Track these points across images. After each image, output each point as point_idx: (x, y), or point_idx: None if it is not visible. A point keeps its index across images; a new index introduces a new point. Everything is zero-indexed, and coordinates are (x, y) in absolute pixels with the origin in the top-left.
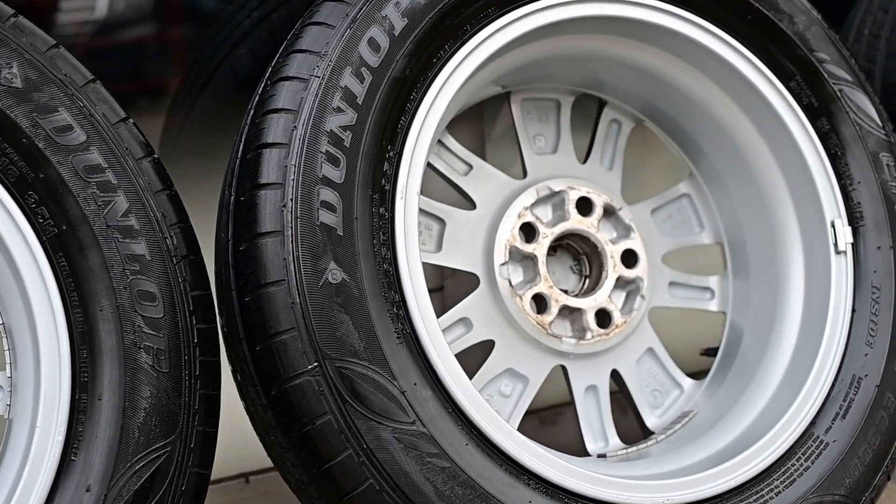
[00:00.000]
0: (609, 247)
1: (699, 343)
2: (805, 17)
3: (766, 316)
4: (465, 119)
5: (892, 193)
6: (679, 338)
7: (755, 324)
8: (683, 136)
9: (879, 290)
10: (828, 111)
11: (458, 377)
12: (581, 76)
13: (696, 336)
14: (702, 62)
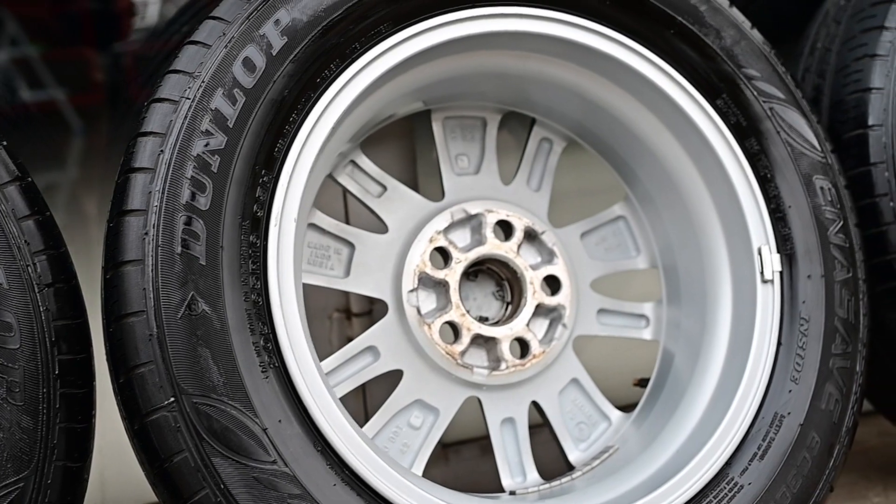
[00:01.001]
0: (529, 272)
1: (640, 373)
2: (734, 32)
3: (694, 346)
4: (389, 137)
5: (825, 219)
6: (617, 368)
7: (685, 353)
8: (615, 156)
9: (808, 321)
10: (757, 131)
11: (331, 413)
12: (505, 93)
13: (638, 366)
14: (623, 80)
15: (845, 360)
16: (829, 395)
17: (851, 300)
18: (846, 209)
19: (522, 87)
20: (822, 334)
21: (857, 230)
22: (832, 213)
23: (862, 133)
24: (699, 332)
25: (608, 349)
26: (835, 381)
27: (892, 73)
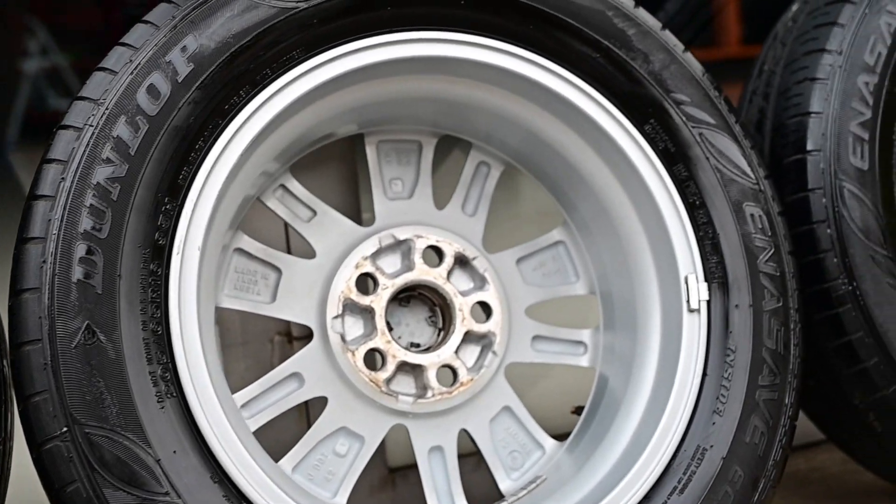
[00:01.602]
0: (459, 299)
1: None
2: (664, 56)
3: (626, 375)
4: (331, 160)
5: (755, 247)
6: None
7: (618, 381)
8: (551, 181)
9: (735, 352)
10: (686, 157)
11: (230, 443)
12: (440, 118)
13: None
14: (551, 105)
15: (773, 391)
16: (754, 427)
17: (781, 330)
18: (779, 236)
19: (454, 112)
20: (749, 365)
21: (792, 258)
22: (763, 240)
23: (800, 158)
24: (630, 360)
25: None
26: (761, 413)
27: (832, 97)
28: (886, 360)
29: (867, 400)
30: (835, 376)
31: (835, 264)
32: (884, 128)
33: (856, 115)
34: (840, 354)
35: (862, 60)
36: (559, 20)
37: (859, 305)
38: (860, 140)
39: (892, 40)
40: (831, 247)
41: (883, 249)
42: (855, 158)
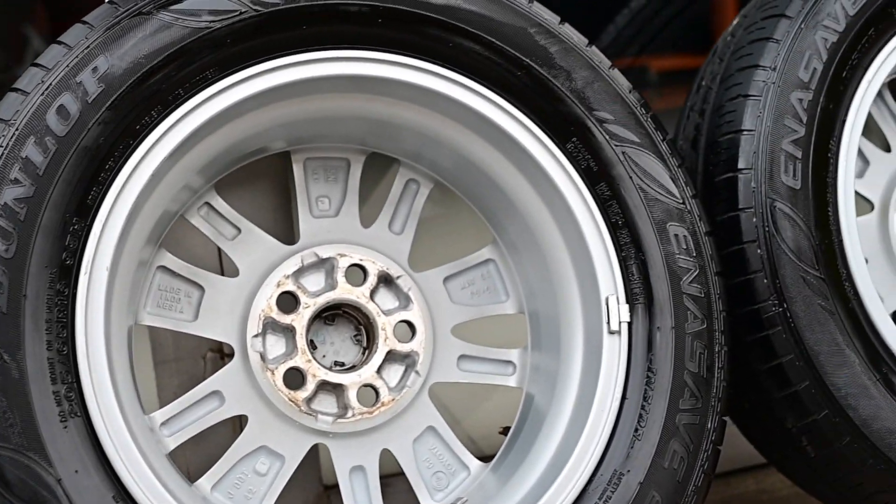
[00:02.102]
0: (382, 318)
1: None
2: (588, 73)
3: (549, 395)
4: (262, 177)
5: (678, 267)
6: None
7: (542, 402)
8: (479, 201)
9: (656, 375)
10: (608, 175)
11: (134, 463)
12: (367, 136)
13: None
14: (473, 123)
15: (694, 415)
16: (673, 452)
17: (705, 353)
18: (705, 257)
19: (382, 131)
20: (670, 389)
21: (720, 279)
22: (687, 261)
23: (732, 176)
24: (554, 381)
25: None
26: (681, 437)
27: (764, 114)
28: (817, 384)
29: (799, 424)
30: (767, 400)
31: (765, 285)
32: (818, 145)
33: (789, 132)
34: (771, 377)
35: (796, 77)
36: (479, 38)
37: (790, 327)
38: (793, 158)
39: (828, 56)
40: (761, 267)
41: (815, 270)
42: (787, 177)
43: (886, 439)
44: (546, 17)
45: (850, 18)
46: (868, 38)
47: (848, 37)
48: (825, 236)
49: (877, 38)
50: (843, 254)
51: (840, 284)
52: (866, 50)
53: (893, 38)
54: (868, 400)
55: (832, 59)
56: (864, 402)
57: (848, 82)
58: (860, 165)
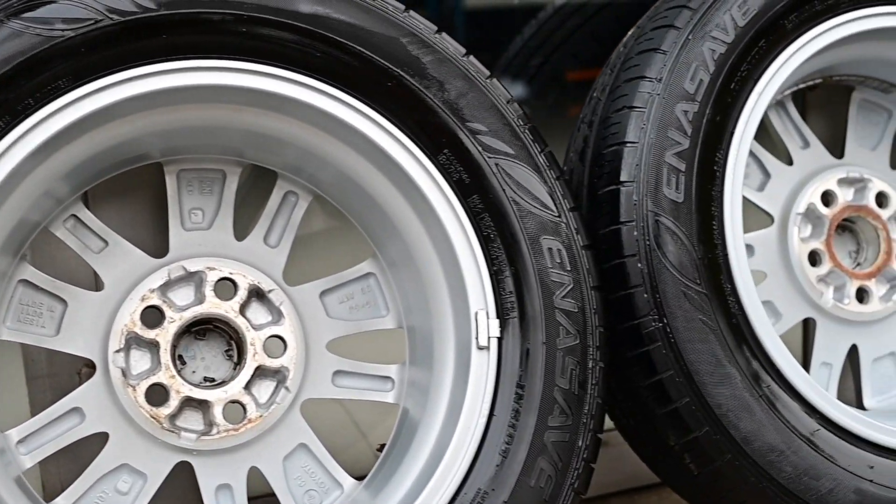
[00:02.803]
0: (251, 333)
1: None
2: (462, 83)
3: (421, 411)
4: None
5: (551, 282)
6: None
7: (415, 419)
8: (357, 213)
9: (524, 391)
10: (481, 188)
11: None
12: (242, 147)
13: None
14: (342, 134)
15: (564, 433)
16: (540, 470)
17: (577, 369)
18: (580, 271)
19: (258, 143)
20: (539, 406)
21: (597, 293)
22: (560, 275)
23: (614, 189)
24: (426, 397)
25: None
26: (549, 455)
27: (648, 126)
28: (698, 401)
29: (681, 441)
30: (650, 416)
31: (645, 300)
32: (704, 158)
33: (672, 144)
34: (653, 393)
35: (681, 88)
36: (347, 47)
37: (670, 343)
38: (676, 171)
39: (716, 67)
40: (642, 282)
41: (696, 285)
42: (669, 190)
43: (768, 456)
44: (421, 26)
45: (739, 30)
46: (759, 50)
47: (737, 48)
48: (709, 250)
49: (768, 50)
50: (728, 268)
51: (724, 299)
52: (756, 62)
53: (785, 51)
54: (749, 417)
55: (720, 71)
56: (745, 419)
57: (737, 94)
58: (761, 178)
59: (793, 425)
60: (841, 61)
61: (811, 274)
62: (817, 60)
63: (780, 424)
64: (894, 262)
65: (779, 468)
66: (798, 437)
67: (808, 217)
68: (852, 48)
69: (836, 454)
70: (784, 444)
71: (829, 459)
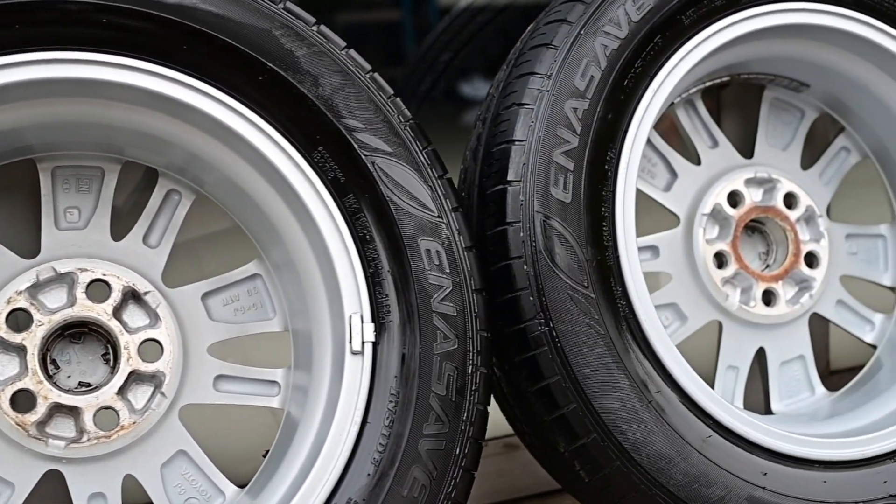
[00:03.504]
0: (125, 336)
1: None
2: (338, 78)
3: (300, 416)
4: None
5: (429, 284)
6: None
7: (295, 423)
8: (239, 213)
9: (398, 398)
10: (356, 187)
11: None
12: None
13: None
14: (217, 132)
15: (440, 441)
16: (414, 479)
17: (455, 375)
18: (461, 274)
19: (126, 138)
20: (413, 413)
21: (479, 296)
22: (439, 278)
23: (501, 189)
24: (305, 403)
25: None
26: (423, 464)
27: (536, 123)
28: (585, 407)
29: (571, 448)
30: (539, 423)
31: (531, 303)
32: (594, 157)
33: (561, 143)
34: (540, 399)
35: (572, 85)
36: (216, 40)
37: (556, 348)
38: (563, 170)
39: (608, 64)
40: (528, 285)
41: (583, 288)
42: (557, 190)
43: (658, 464)
44: (297, 18)
45: (633, 25)
46: (654, 47)
47: (631, 44)
48: (599, 252)
49: (664, 47)
50: (618, 271)
51: (613, 303)
52: (652, 58)
53: (683, 47)
54: (638, 424)
55: (612, 68)
56: (634, 425)
57: (631, 92)
58: (668, 178)
59: (684, 432)
60: (749, 58)
61: (716, 276)
62: (721, 57)
63: (671, 431)
64: (802, 265)
65: (669, 475)
66: (689, 444)
67: (715, 218)
68: (758, 45)
69: (729, 461)
70: (674, 451)
71: (720, 466)
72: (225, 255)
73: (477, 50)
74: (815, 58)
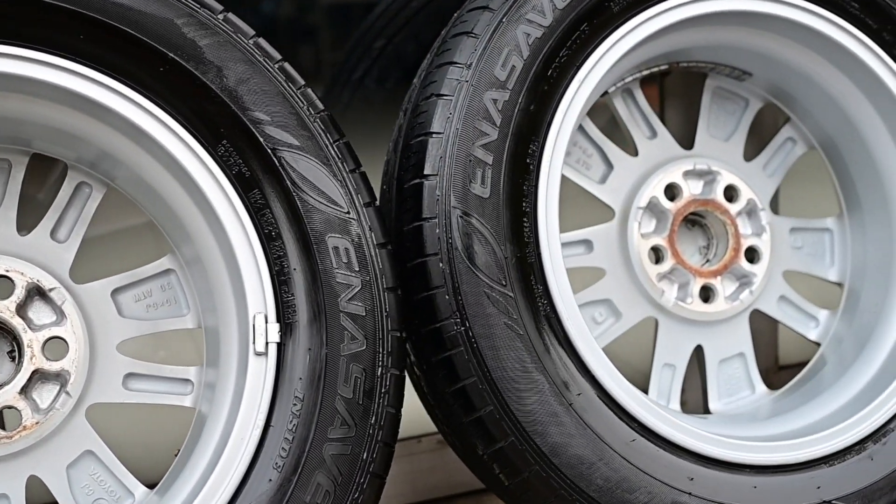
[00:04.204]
0: (28, 334)
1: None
2: (244, 69)
3: (206, 417)
4: None
5: (336, 283)
6: None
7: (203, 422)
8: (148, 206)
9: (302, 401)
10: (262, 182)
11: None
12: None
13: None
14: (117, 125)
15: (346, 445)
16: (317, 485)
17: (363, 377)
18: (372, 272)
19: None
20: (317, 416)
21: (392, 295)
22: (347, 276)
23: (418, 183)
24: (212, 402)
25: None
26: (328, 469)
27: (454, 115)
28: (502, 409)
29: (489, 451)
30: (458, 425)
31: (447, 302)
32: (515, 150)
33: (480, 136)
34: (458, 401)
35: (492, 75)
36: (114, 29)
37: (472, 348)
38: (482, 164)
39: (530, 53)
40: (443, 283)
41: (501, 287)
42: (475, 185)
43: (578, 468)
44: (202, 7)
45: (558, 13)
46: (580, 35)
47: (556, 32)
48: (519, 249)
49: (592, 35)
50: (540, 268)
51: (533, 301)
52: (578, 47)
53: (612, 35)
54: (558, 427)
55: (535, 57)
56: (553, 428)
57: (555, 82)
58: (604, 170)
59: (606, 435)
60: (687, 46)
61: (652, 271)
62: (656, 45)
63: (592, 434)
64: (743, 260)
65: (589, 480)
66: (611, 448)
67: (652, 211)
68: (695, 33)
69: (654, 465)
70: (595, 456)
71: (644, 471)
72: (141, 250)
73: (411, 36)
74: (756, 46)
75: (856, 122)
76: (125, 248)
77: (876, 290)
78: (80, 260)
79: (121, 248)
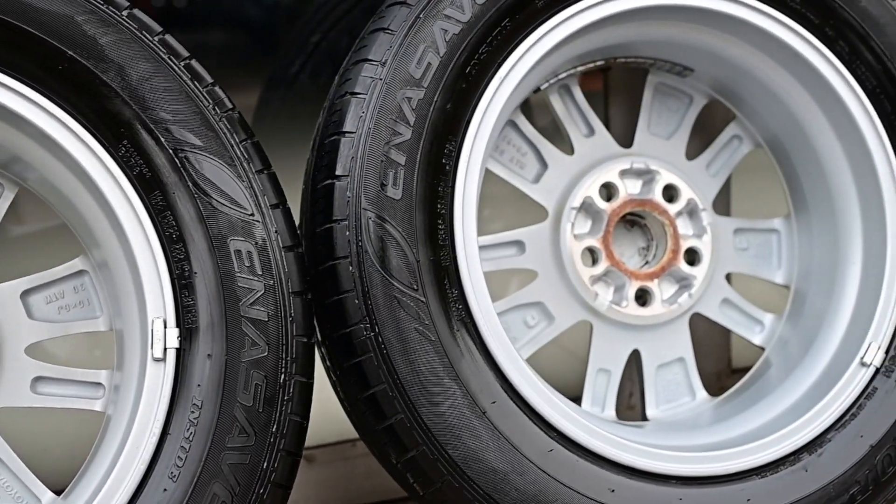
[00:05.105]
0: None
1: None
2: (147, 67)
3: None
4: None
5: (238, 287)
6: None
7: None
8: (57, 207)
9: (200, 408)
10: (163, 183)
11: None
12: None
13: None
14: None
15: (244, 454)
16: (213, 496)
17: (263, 384)
18: (276, 275)
19: None
20: (215, 424)
21: (299, 299)
22: (249, 280)
23: (329, 184)
24: (116, 406)
25: None
26: (225, 479)
27: (367, 114)
28: (412, 417)
29: (402, 460)
30: (371, 432)
31: (356, 307)
32: (430, 150)
33: (392, 135)
34: (369, 408)
35: (407, 72)
36: (10, 25)
37: (382, 354)
38: (394, 165)
39: (447, 50)
40: (353, 287)
41: (413, 291)
42: (387, 186)
43: (491, 479)
44: (106, 3)
45: (477, 8)
46: (502, 31)
47: (475, 28)
48: (433, 252)
49: (514, 31)
50: (455, 272)
51: (447, 307)
52: (499, 44)
53: (535, 31)
54: (471, 436)
55: (453, 54)
56: (466, 438)
57: (474, 80)
58: (538, 169)
59: (522, 445)
60: (624, 41)
61: (585, 274)
62: (588, 40)
63: (507, 444)
64: (682, 262)
65: (504, 492)
66: (526, 458)
67: (587, 211)
68: (629, 28)
69: (573, 476)
70: (510, 466)
71: (561, 482)
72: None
73: (345, 31)
74: (696, 41)
75: (800, 120)
76: (38, 250)
77: (822, 292)
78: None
79: (34, 249)
